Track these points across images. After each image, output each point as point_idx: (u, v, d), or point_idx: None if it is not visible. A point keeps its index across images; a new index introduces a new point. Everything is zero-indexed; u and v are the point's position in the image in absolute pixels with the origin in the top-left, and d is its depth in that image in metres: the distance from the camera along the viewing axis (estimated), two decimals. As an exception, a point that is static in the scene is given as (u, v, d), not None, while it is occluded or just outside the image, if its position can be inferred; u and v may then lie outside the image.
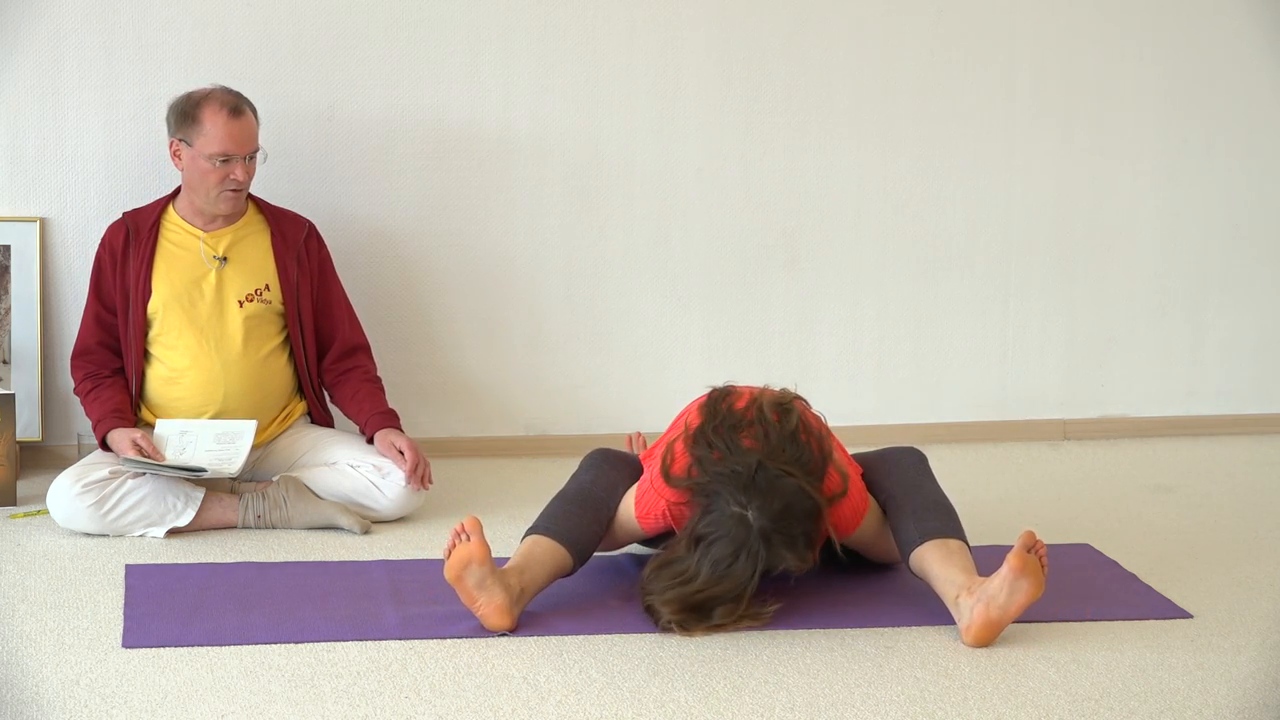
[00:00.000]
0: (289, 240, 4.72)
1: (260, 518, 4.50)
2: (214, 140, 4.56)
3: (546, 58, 5.21)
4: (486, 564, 3.74)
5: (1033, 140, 5.47)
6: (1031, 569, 3.68)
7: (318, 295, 4.76)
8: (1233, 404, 5.68)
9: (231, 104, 4.57)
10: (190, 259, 4.65)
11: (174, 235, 4.67)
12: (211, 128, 4.55)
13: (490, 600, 3.76)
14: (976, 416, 5.57)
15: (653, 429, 5.27)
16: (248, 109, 4.61)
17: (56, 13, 4.96)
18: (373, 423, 4.68)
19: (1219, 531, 4.62)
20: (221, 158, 4.56)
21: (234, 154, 4.56)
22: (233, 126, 4.55)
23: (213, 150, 4.56)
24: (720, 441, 3.86)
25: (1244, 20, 5.49)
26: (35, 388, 5.03)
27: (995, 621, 3.69)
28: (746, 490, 3.78)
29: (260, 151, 4.65)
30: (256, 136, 4.63)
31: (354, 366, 4.79)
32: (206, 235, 4.66)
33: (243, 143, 4.57)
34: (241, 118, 4.57)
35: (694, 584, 3.76)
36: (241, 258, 4.67)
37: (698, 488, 3.84)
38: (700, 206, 5.35)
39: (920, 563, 3.88)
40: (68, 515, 4.42)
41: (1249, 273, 5.63)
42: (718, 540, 3.77)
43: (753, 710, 3.42)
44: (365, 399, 4.73)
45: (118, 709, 3.37)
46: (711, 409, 3.97)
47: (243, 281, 4.65)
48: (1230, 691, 3.53)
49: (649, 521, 3.98)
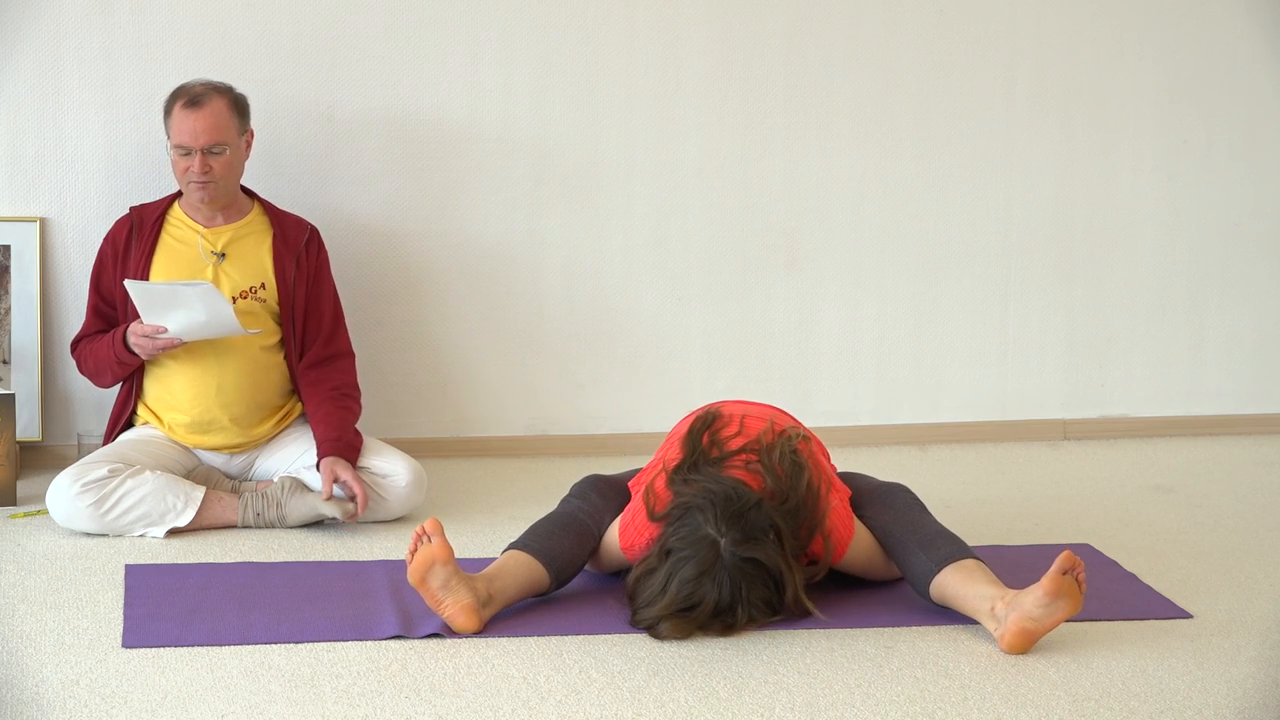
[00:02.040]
0: (290, 242, 4.71)
1: (259, 516, 4.51)
2: (174, 132, 4.57)
3: (546, 58, 5.21)
4: (450, 564, 3.74)
5: (1033, 140, 5.47)
6: (1068, 590, 3.64)
7: (309, 296, 4.75)
8: (1233, 404, 5.68)
9: (193, 95, 4.54)
10: (189, 253, 4.65)
11: (176, 230, 4.68)
12: (174, 120, 4.56)
13: (456, 601, 3.75)
14: (976, 416, 5.57)
15: (653, 429, 5.28)
16: (214, 100, 4.54)
17: (56, 13, 4.96)
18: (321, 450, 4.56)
19: (1219, 531, 4.62)
20: (181, 150, 4.55)
21: (191, 146, 4.53)
22: (188, 118, 4.52)
23: (173, 142, 4.57)
24: (699, 478, 3.83)
25: (1244, 20, 5.49)
26: (35, 388, 5.03)
27: (1031, 632, 3.67)
28: (730, 521, 3.74)
29: (231, 146, 4.56)
30: (221, 129, 4.54)
31: (323, 379, 4.68)
32: (207, 231, 4.67)
33: (198, 135, 4.51)
34: (199, 109, 4.52)
35: (665, 598, 3.75)
36: (239, 255, 4.67)
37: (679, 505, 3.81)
38: (700, 206, 5.35)
39: (942, 589, 3.84)
40: (67, 515, 4.42)
41: (1249, 273, 5.63)
42: (686, 560, 3.74)
43: (753, 710, 3.42)
44: (323, 422, 4.60)
45: (118, 709, 3.37)
46: (692, 444, 3.94)
47: (239, 278, 4.65)
48: (1230, 691, 3.53)
49: (634, 553, 3.96)
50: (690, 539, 3.75)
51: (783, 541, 3.79)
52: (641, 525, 3.92)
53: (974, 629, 3.82)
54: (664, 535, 3.80)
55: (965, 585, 3.79)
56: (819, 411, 5.42)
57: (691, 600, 3.74)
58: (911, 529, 3.95)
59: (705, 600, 3.74)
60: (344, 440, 4.58)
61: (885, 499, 4.06)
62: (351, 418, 4.67)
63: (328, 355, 4.73)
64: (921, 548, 3.90)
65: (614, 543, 4.02)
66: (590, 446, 5.35)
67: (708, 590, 3.73)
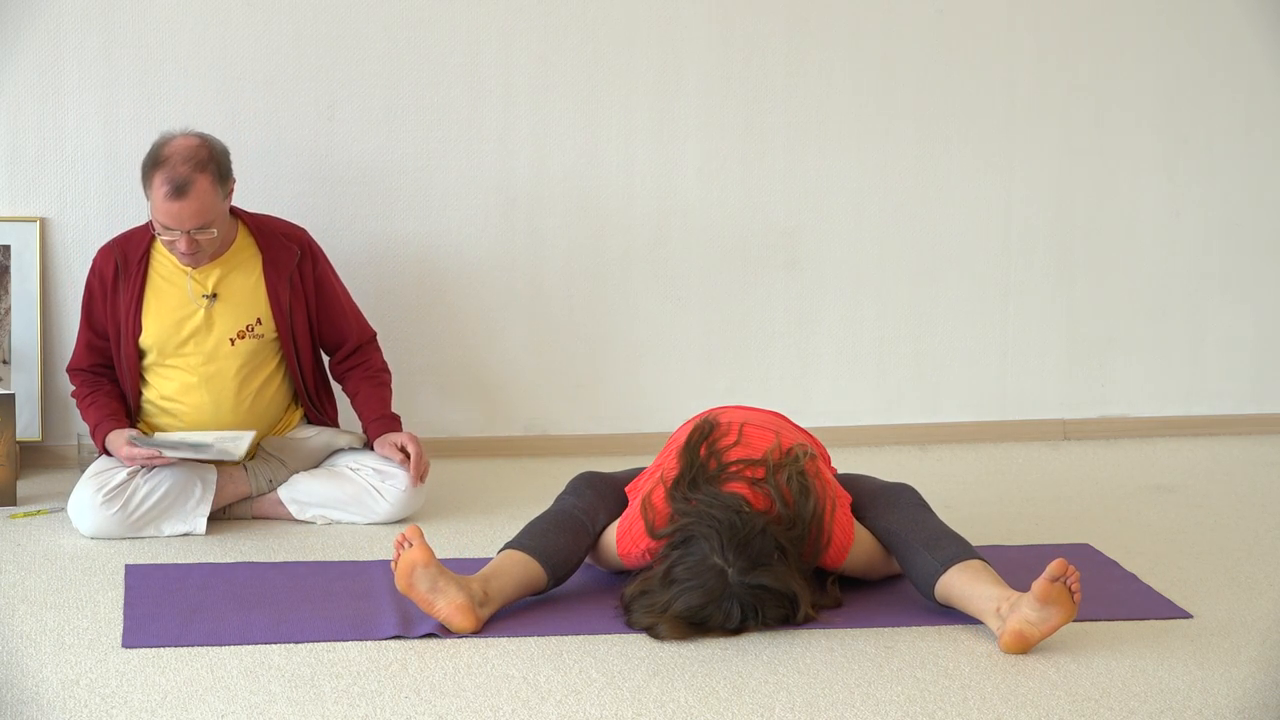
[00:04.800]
0: (281, 267, 4.61)
1: (272, 482, 4.55)
2: (156, 211, 4.42)
3: (546, 58, 5.21)
4: (432, 566, 3.73)
5: (1033, 140, 5.47)
6: (1058, 597, 3.62)
7: (317, 311, 4.70)
8: (1233, 404, 5.68)
9: (176, 183, 4.35)
10: (179, 296, 4.56)
11: (162, 269, 4.57)
12: (155, 199, 4.41)
13: (449, 602, 3.74)
14: (976, 416, 5.57)
15: (652, 429, 5.28)
16: (197, 184, 4.37)
17: (56, 13, 4.96)
18: (372, 429, 4.69)
19: (1219, 531, 4.62)
20: (164, 227, 4.42)
21: (174, 229, 4.42)
22: (171, 207, 4.38)
23: (155, 217, 4.44)
24: (699, 497, 3.82)
25: (1244, 20, 5.49)
26: (35, 388, 5.03)
27: (1028, 636, 3.66)
28: (737, 550, 3.74)
29: (217, 224, 4.43)
30: (205, 211, 4.39)
31: (356, 364, 4.79)
32: (195, 272, 4.55)
33: (183, 220, 4.38)
34: (182, 199, 4.36)
35: (666, 615, 3.74)
36: (231, 292, 4.57)
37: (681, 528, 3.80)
38: (700, 206, 5.35)
39: (947, 589, 3.83)
40: (96, 527, 4.40)
41: (1249, 273, 5.63)
42: (692, 589, 3.72)
43: (753, 710, 3.42)
44: (364, 401, 4.74)
45: (118, 709, 3.37)
46: (689, 458, 3.93)
47: (234, 318, 4.57)
48: (1230, 691, 3.53)
49: (630, 560, 3.96)
50: (696, 569, 3.73)
51: (789, 560, 3.79)
52: (639, 535, 3.92)
53: (974, 629, 3.82)
54: (667, 561, 3.78)
55: (971, 585, 3.79)
56: (819, 411, 5.42)
57: (694, 619, 3.74)
58: (915, 529, 3.95)
59: (709, 621, 3.74)
60: (387, 416, 4.70)
61: (889, 499, 4.06)
62: (389, 395, 4.79)
63: (356, 346, 4.80)
64: (926, 548, 3.89)
65: (611, 546, 4.02)
66: (590, 446, 5.35)
67: (712, 613, 3.73)
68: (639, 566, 3.93)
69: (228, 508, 4.58)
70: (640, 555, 3.91)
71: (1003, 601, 3.72)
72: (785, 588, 3.75)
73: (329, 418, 4.79)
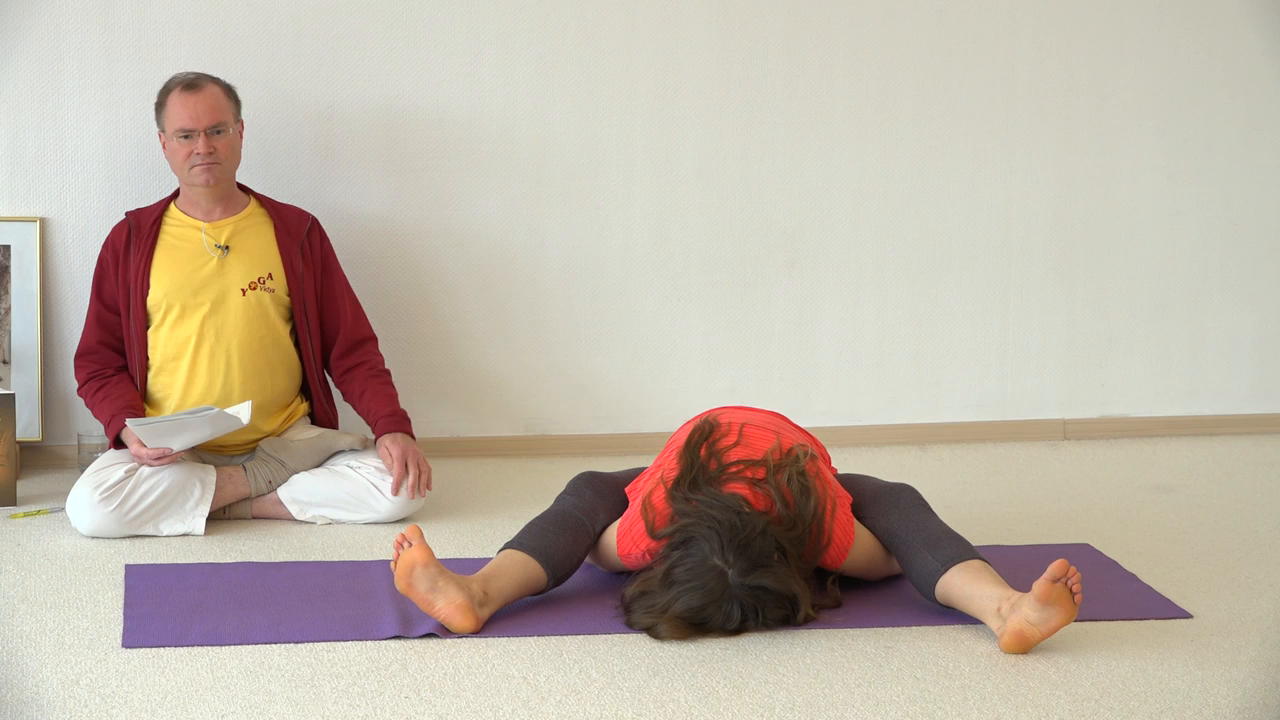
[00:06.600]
0: (292, 232, 4.72)
1: (271, 482, 4.55)
2: (174, 118, 4.61)
3: (546, 58, 5.21)
4: (431, 566, 3.73)
5: (1033, 140, 5.47)
6: (1059, 598, 3.62)
7: (321, 289, 4.76)
8: (1233, 404, 5.68)
9: (187, 80, 4.63)
10: (191, 249, 4.66)
11: (175, 229, 4.69)
12: (172, 107, 4.61)
13: (449, 602, 3.74)
14: (976, 416, 5.57)
15: (653, 429, 5.29)
16: (209, 84, 4.63)
17: (56, 13, 4.97)
18: (380, 426, 4.69)
19: (1219, 531, 4.62)
20: (183, 133, 4.59)
21: (193, 128, 4.59)
22: (187, 100, 4.59)
23: (174, 127, 4.61)
24: (699, 497, 3.82)
25: (1245, 20, 5.49)
26: (35, 388, 5.03)
27: (1028, 636, 3.66)
28: (737, 551, 3.74)
29: (231, 127, 4.63)
30: (220, 110, 4.62)
31: (359, 363, 4.79)
32: (208, 226, 4.67)
33: (199, 115, 4.59)
34: (197, 91, 4.61)
35: (666, 615, 3.74)
36: (244, 246, 4.68)
37: (681, 529, 3.80)
38: (700, 206, 5.35)
39: (947, 590, 3.83)
40: (94, 525, 4.41)
41: (1249, 273, 5.63)
42: (692, 590, 3.72)
43: (753, 710, 3.42)
44: (371, 399, 4.74)
45: (118, 709, 3.37)
46: (690, 458, 3.92)
47: (246, 269, 4.66)
48: (1230, 691, 3.53)
49: (631, 560, 3.96)
50: (697, 570, 3.73)
51: (789, 560, 3.79)
52: (639, 535, 3.92)
53: (974, 629, 3.82)
54: (667, 561, 3.78)
55: (972, 586, 3.79)
56: (819, 411, 5.42)
57: (694, 620, 3.74)
58: (916, 529, 3.95)
59: (710, 622, 3.74)
60: (398, 414, 4.69)
61: (890, 500, 4.06)
62: (395, 393, 4.78)
63: (356, 341, 4.80)
64: (927, 548, 3.89)
65: (611, 546, 4.02)
66: (590, 446, 5.35)
67: (712, 614, 3.73)
68: (639, 567, 3.93)
69: (227, 508, 4.58)
70: (640, 556, 3.92)
71: (1003, 602, 3.72)
72: (785, 589, 3.76)
73: (331, 416, 4.80)
